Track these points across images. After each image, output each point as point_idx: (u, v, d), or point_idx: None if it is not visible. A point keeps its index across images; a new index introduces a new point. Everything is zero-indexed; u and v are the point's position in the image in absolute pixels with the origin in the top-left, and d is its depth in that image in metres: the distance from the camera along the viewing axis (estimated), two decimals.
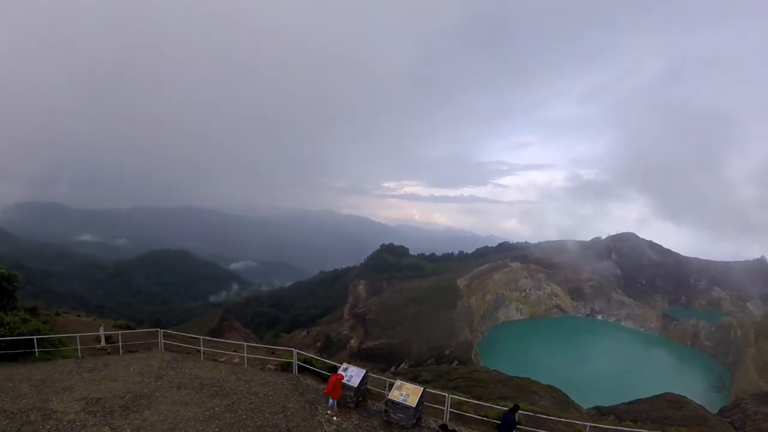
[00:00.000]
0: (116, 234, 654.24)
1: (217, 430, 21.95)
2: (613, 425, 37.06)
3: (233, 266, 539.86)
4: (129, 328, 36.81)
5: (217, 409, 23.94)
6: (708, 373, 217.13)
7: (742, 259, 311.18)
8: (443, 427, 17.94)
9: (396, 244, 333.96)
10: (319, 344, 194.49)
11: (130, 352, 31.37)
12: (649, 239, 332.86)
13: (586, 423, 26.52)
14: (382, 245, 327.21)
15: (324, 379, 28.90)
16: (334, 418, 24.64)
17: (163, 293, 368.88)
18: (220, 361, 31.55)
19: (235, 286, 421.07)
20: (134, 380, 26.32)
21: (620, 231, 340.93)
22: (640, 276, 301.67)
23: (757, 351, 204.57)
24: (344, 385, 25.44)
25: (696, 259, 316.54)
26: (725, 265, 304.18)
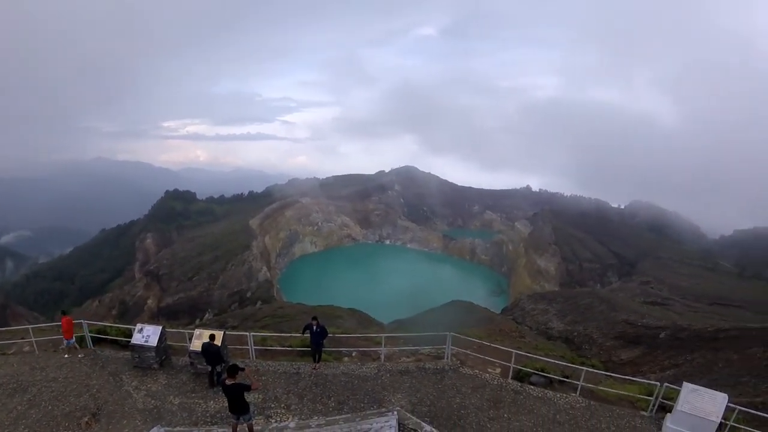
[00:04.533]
0: None
1: (26, 430, 19.46)
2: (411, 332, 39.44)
3: (3, 240, 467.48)
4: None
5: (19, 408, 21.01)
6: (488, 281, 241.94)
7: (510, 188, 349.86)
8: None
9: (181, 189, 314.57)
10: (114, 311, 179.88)
11: None
12: (428, 171, 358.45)
13: (381, 334, 27.79)
14: (167, 192, 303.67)
15: (122, 346, 27.11)
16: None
17: None
18: (9, 354, 27.78)
19: (9, 264, 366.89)
20: None
21: (402, 164, 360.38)
22: (421, 203, 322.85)
23: (527, 261, 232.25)
24: (143, 346, 24.25)
25: (470, 188, 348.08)
26: (496, 192, 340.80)
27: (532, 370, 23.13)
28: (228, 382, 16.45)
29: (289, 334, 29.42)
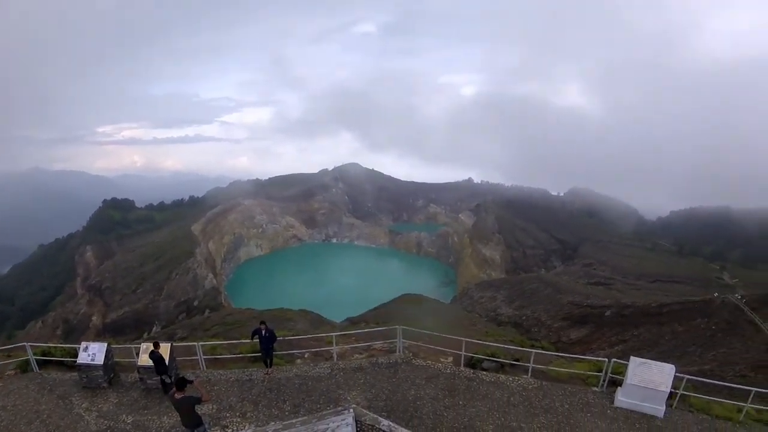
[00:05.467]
0: None
1: None
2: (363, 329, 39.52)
3: None
4: None
5: None
6: (436, 273, 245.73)
7: (452, 181, 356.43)
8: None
9: (119, 197, 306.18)
10: (59, 331, 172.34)
11: None
12: (371, 168, 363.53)
13: (332, 333, 27.83)
14: (104, 201, 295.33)
15: (69, 367, 25.96)
16: None
17: None
18: None
19: None
20: None
21: (343, 162, 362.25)
22: (365, 200, 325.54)
23: (473, 251, 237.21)
24: (89, 365, 23.13)
25: (413, 182, 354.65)
26: (439, 186, 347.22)
27: (483, 356, 23.50)
28: (177, 396, 16.02)
29: (239, 341, 29.05)
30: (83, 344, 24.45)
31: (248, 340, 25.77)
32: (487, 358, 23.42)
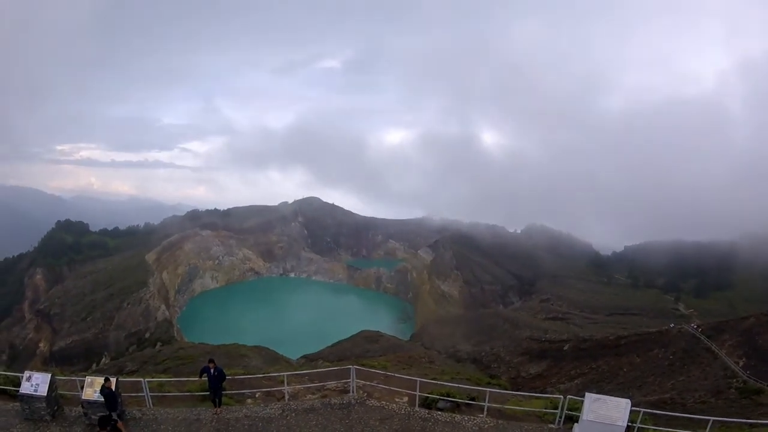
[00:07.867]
0: None
1: None
2: (319, 368, 38.87)
3: None
4: None
5: None
6: (394, 309, 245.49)
7: (412, 217, 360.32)
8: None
9: (73, 219, 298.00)
10: (5, 356, 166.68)
11: None
12: (331, 202, 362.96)
13: (284, 373, 27.12)
14: (58, 222, 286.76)
15: (12, 396, 24.60)
16: None
17: None
18: None
19: None
20: None
21: (306, 195, 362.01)
22: (325, 234, 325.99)
23: (431, 287, 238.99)
24: (33, 396, 21.82)
25: (372, 218, 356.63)
26: (398, 222, 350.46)
27: (438, 396, 23.13)
28: None
29: (187, 379, 28.12)
30: (26, 373, 23.19)
31: (196, 378, 24.92)
32: (442, 397, 23.05)
